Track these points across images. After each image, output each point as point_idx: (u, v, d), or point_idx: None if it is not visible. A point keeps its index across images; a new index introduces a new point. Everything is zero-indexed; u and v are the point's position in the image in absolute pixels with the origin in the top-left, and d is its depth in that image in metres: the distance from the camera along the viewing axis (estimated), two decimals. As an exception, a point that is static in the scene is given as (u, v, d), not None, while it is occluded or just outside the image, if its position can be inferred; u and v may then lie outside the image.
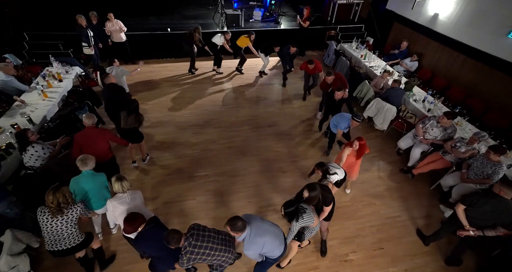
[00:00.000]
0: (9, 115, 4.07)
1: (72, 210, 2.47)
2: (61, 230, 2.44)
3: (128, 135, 3.86)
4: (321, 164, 3.14)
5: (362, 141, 3.38)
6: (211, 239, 2.31)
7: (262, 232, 2.33)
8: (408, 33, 7.03)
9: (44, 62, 5.63)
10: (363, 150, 3.45)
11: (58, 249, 2.51)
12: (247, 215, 2.48)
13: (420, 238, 3.59)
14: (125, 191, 2.65)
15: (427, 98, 5.04)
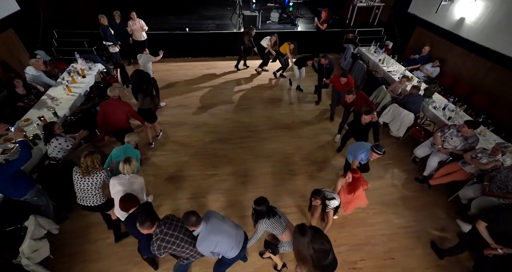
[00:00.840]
0: (37, 108, 4.32)
1: (97, 175, 2.82)
2: (87, 189, 2.84)
3: (144, 115, 4.27)
4: (316, 191, 2.86)
5: (357, 173, 2.97)
6: (183, 230, 2.35)
7: (217, 231, 2.33)
8: (430, 37, 6.79)
9: (70, 59, 5.93)
10: (357, 185, 3.00)
11: (85, 205, 2.95)
12: (210, 212, 2.48)
13: (435, 251, 3.45)
14: (125, 174, 2.83)
15: (448, 105, 4.85)
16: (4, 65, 5.40)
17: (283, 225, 2.56)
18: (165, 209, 3.77)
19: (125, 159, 2.84)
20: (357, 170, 3.04)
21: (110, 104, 3.81)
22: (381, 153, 3.22)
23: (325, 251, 2.20)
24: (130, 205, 2.51)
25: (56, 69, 5.47)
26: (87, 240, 3.38)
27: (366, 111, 3.78)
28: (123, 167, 2.81)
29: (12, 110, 4.35)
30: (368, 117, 3.77)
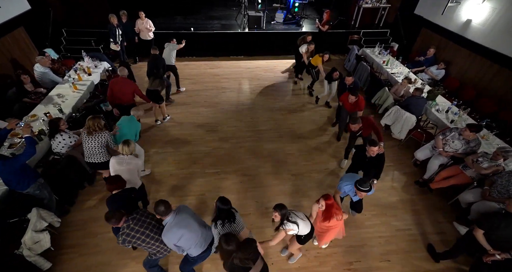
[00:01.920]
0: (44, 104, 4.45)
1: (100, 135, 3.32)
2: (93, 147, 3.33)
3: (151, 95, 4.77)
4: (280, 206, 2.49)
5: (330, 200, 2.66)
6: (150, 227, 2.40)
7: (183, 225, 2.34)
8: (436, 39, 6.71)
9: (78, 57, 6.08)
10: (331, 212, 2.67)
11: (92, 162, 3.41)
12: (183, 206, 2.54)
13: (430, 254, 3.42)
14: (124, 154, 3.04)
15: (451, 108, 4.79)
16: (14, 62, 5.57)
17: (238, 229, 2.49)
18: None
19: (124, 141, 3.06)
20: (330, 197, 2.69)
21: (119, 82, 4.33)
22: (364, 189, 2.73)
23: (245, 269, 2.12)
24: (114, 186, 2.67)
25: (64, 66, 5.61)
26: (88, 233, 3.46)
27: (371, 141, 3.16)
28: (122, 148, 3.03)
29: (20, 106, 4.49)
30: (375, 149, 3.16)
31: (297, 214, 2.61)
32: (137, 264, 3.19)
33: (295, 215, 2.59)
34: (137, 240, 2.34)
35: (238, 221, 2.54)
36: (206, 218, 3.70)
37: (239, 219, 2.58)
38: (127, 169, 3.02)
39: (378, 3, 8.11)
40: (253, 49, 8.11)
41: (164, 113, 5.33)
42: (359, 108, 4.36)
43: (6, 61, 5.38)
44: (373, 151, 3.17)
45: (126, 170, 3.02)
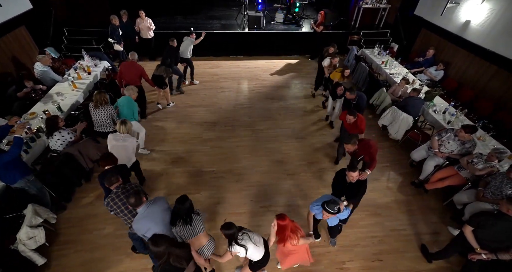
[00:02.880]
0: (43, 102, 4.51)
1: (105, 108, 3.80)
2: (100, 118, 3.83)
3: (155, 80, 5.20)
4: (226, 226, 2.30)
5: (283, 220, 2.36)
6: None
7: (152, 218, 2.38)
8: (435, 40, 6.69)
9: (78, 56, 6.14)
10: (284, 235, 2.40)
11: (101, 131, 3.91)
12: (159, 198, 2.58)
13: (424, 254, 3.42)
14: (121, 133, 3.36)
15: (449, 109, 4.78)
16: (15, 61, 5.64)
17: (190, 231, 2.42)
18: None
19: (121, 120, 3.39)
20: (284, 217, 2.40)
21: (128, 64, 4.84)
22: (331, 211, 2.47)
23: (178, 269, 2.06)
24: (107, 162, 2.90)
25: (64, 65, 5.67)
26: (84, 230, 3.51)
27: (350, 166, 2.83)
28: (119, 127, 3.35)
29: (20, 104, 4.55)
30: (354, 175, 2.80)
31: (251, 237, 2.37)
32: (132, 260, 3.23)
33: (249, 238, 2.35)
34: (117, 209, 2.54)
35: (195, 226, 2.42)
36: (200, 216, 3.74)
37: (199, 224, 2.45)
38: (122, 145, 3.36)
39: (378, 4, 8.11)
40: (252, 49, 8.14)
41: (168, 99, 5.77)
42: (359, 130, 3.88)
43: (7, 59, 5.46)
44: (352, 177, 2.81)
45: (122, 146, 3.36)
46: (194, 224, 2.43)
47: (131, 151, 3.48)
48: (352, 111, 3.80)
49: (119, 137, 3.37)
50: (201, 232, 2.48)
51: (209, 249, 2.55)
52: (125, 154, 3.37)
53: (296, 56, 8.49)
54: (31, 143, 3.66)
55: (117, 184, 2.60)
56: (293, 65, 8.00)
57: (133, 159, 3.58)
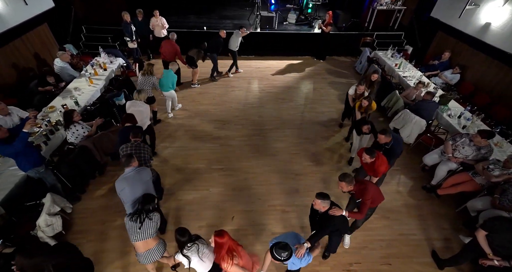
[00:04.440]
0: (62, 97, 4.69)
1: (150, 77, 4.62)
2: (144, 84, 4.63)
3: (187, 59, 6.07)
4: (180, 231, 2.25)
5: (221, 238, 2.21)
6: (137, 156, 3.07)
7: (129, 182, 2.68)
8: (452, 43, 6.53)
9: (95, 53, 6.34)
10: (220, 254, 2.24)
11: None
12: (144, 170, 2.86)
13: (435, 260, 3.35)
14: (136, 99, 4.08)
15: (464, 114, 4.66)
16: (37, 56, 5.89)
17: (138, 234, 2.36)
18: (169, 198, 3.96)
19: (138, 90, 4.15)
20: (223, 233, 2.24)
21: (167, 43, 5.77)
22: (277, 258, 2.22)
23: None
24: (128, 121, 3.58)
25: (82, 62, 5.87)
26: (96, 221, 3.62)
27: (318, 193, 2.55)
28: (136, 95, 4.08)
29: (40, 98, 4.75)
30: (317, 202, 2.53)
31: (200, 250, 2.28)
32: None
33: (196, 251, 2.27)
34: (122, 153, 3.11)
35: (144, 230, 2.36)
36: (208, 211, 3.80)
37: (148, 230, 2.38)
38: (138, 110, 3.97)
39: (393, 5, 7.98)
40: (264, 49, 8.17)
41: (194, 79, 6.50)
42: (374, 173, 3.28)
43: (30, 55, 5.70)
44: (316, 205, 2.54)
45: (138, 111, 3.95)
46: (143, 228, 2.37)
47: (145, 116, 4.09)
48: (370, 150, 3.11)
49: (136, 104, 4.05)
50: (149, 238, 2.42)
51: (158, 251, 2.50)
52: (140, 118, 3.92)
53: (307, 56, 8.47)
54: (50, 135, 3.81)
55: (138, 139, 3.24)
56: (304, 66, 7.97)
57: (147, 123, 4.16)
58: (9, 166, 3.29)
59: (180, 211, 3.81)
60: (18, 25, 5.36)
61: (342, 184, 2.75)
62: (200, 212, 3.81)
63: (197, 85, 6.58)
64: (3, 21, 5.05)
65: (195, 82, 6.56)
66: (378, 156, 3.17)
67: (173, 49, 5.77)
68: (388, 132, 3.45)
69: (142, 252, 2.45)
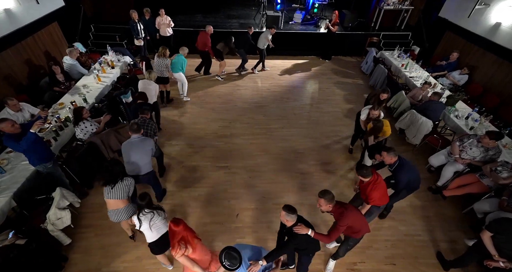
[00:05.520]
0: (71, 94, 4.78)
1: (164, 59, 5.16)
2: (159, 65, 5.19)
3: (215, 52, 6.56)
4: (143, 196, 2.46)
5: (176, 226, 2.26)
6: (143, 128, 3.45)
7: (130, 147, 3.13)
8: (460, 43, 6.46)
9: (103, 51, 6.43)
10: (173, 242, 2.27)
11: (159, 76, 5.17)
12: (149, 140, 3.24)
13: (440, 262, 3.33)
14: (146, 79, 4.62)
15: (472, 115, 4.61)
16: (47, 54, 6.00)
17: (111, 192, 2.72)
18: (174, 195, 4.01)
19: (148, 70, 4.66)
20: (180, 222, 2.28)
21: (202, 33, 6.30)
22: (223, 264, 2.08)
23: None
24: (140, 98, 4.18)
25: (90, 59, 5.96)
26: (104, 216, 3.62)
27: (286, 206, 2.35)
28: (147, 75, 4.62)
29: (50, 95, 4.84)
30: (283, 213, 2.33)
31: (153, 219, 2.43)
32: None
33: (149, 219, 2.42)
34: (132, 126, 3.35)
35: (115, 190, 2.68)
36: (213, 208, 3.83)
37: (120, 192, 2.70)
38: (148, 88, 4.50)
39: (400, 5, 7.91)
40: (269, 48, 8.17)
41: (220, 71, 6.93)
42: (365, 198, 2.90)
43: (41, 53, 5.81)
44: (282, 217, 2.35)
45: (147, 89, 4.46)
46: (115, 188, 2.72)
47: (153, 93, 4.64)
48: (366, 167, 2.80)
49: (146, 82, 4.60)
50: (118, 199, 2.74)
51: (126, 213, 2.83)
52: (149, 94, 4.40)
53: (313, 56, 8.45)
54: (59, 131, 3.89)
55: (146, 116, 3.71)
56: (309, 66, 7.97)
57: (154, 99, 4.66)
58: (22, 160, 3.37)
59: (185, 207, 3.85)
60: (30, 24, 5.47)
61: (320, 201, 2.46)
62: (205, 209, 3.84)
63: (221, 79, 6.92)
64: (16, 20, 5.16)
65: (220, 75, 6.94)
66: (376, 180, 2.78)
67: (205, 40, 6.23)
68: (392, 152, 2.99)
69: (111, 209, 2.83)
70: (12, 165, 3.37)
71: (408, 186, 3.09)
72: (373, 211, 3.13)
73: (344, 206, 2.53)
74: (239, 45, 6.65)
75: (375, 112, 3.82)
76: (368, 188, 2.81)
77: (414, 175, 3.08)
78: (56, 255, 3.00)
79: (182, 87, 5.97)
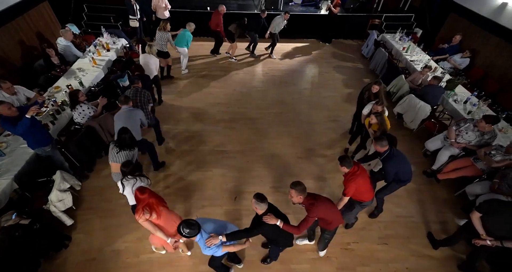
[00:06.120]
0: (66, 77, 4.70)
1: (164, 33, 5.29)
2: (160, 39, 5.34)
3: (227, 34, 6.57)
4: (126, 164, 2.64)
5: (142, 194, 2.39)
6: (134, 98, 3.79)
7: (121, 116, 3.36)
8: (464, 25, 6.29)
9: (98, 33, 6.24)
10: (138, 208, 2.39)
11: (159, 50, 5.30)
12: (137, 111, 3.48)
13: (430, 241, 3.47)
14: (147, 53, 4.68)
15: (470, 99, 4.59)
16: (40, 36, 5.82)
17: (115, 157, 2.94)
18: (173, 178, 4.08)
19: (149, 44, 4.71)
20: (145, 190, 2.41)
21: (214, 12, 6.27)
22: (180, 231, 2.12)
23: None
24: (136, 70, 4.37)
25: (85, 42, 5.80)
26: (104, 198, 3.76)
27: (256, 195, 2.33)
28: (148, 49, 4.66)
29: (45, 78, 4.76)
30: (252, 204, 2.33)
31: (134, 184, 2.59)
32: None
33: (132, 184, 2.60)
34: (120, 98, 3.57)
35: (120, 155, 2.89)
36: (211, 191, 3.91)
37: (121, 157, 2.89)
38: (147, 62, 4.67)
39: (405, -15, 7.61)
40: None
41: (233, 53, 6.92)
42: (344, 188, 2.78)
43: (32, 34, 5.64)
44: (253, 205, 2.34)
45: (147, 63, 4.67)
46: (120, 153, 2.95)
47: (154, 67, 4.77)
48: (345, 158, 2.69)
49: (146, 56, 4.70)
50: (117, 162, 2.93)
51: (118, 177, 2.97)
52: (149, 68, 4.66)
53: (312, 39, 8.25)
54: (57, 115, 3.87)
55: (138, 86, 3.95)
56: (309, 49, 7.79)
57: (154, 73, 4.82)
58: (20, 143, 3.38)
59: (183, 190, 3.93)
60: (18, 2, 5.25)
61: (292, 192, 2.40)
62: (204, 192, 3.92)
63: (234, 60, 6.94)
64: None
65: (233, 56, 6.95)
66: (355, 171, 2.69)
67: (217, 21, 6.27)
68: (383, 141, 2.92)
69: (114, 172, 3.05)
70: (11, 148, 3.39)
71: (398, 179, 3.10)
72: (354, 206, 3.06)
73: (315, 197, 2.47)
74: (250, 27, 6.60)
75: (378, 107, 3.65)
76: (345, 178, 2.78)
77: (403, 168, 3.04)
78: (59, 234, 3.10)
79: (183, 60, 6.14)
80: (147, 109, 3.92)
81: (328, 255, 3.31)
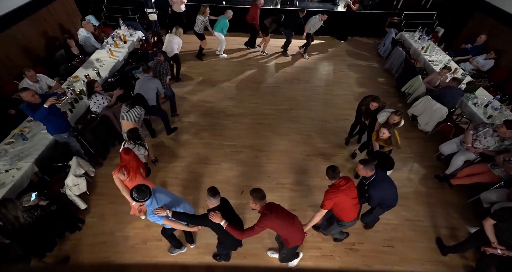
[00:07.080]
0: (85, 67, 4.87)
1: (202, 17, 5.96)
2: (198, 22, 5.98)
3: (261, 27, 6.68)
4: (131, 131, 3.18)
5: (126, 154, 2.79)
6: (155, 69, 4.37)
7: (140, 82, 4.03)
8: (490, 25, 5.98)
9: (115, 25, 6.40)
10: (120, 164, 2.73)
11: (196, 31, 6.08)
12: (154, 79, 4.06)
13: (439, 247, 3.39)
14: (173, 33, 5.21)
15: (492, 103, 4.39)
16: (61, 27, 6.04)
17: (126, 115, 3.54)
18: (181, 170, 4.17)
19: (176, 26, 5.22)
20: (130, 152, 2.79)
21: (253, 5, 6.45)
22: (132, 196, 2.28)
23: None
24: (156, 46, 5.41)
25: (103, 33, 5.96)
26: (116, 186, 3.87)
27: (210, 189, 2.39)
28: (174, 30, 5.19)
29: (66, 67, 4.95)
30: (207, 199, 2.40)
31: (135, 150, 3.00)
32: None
33: (133, 149, 2.96)
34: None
35: (130, 113, 3.46)
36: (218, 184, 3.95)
37: (132, 115, 3.46)
38: (171, 41, 5.19)
39: (428, -19, 7.30)
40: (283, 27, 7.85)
41: (264, 47, 7.04)
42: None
43: (55, 25, 5.86)
44: (207, 201, 2.42)
45: (171, 41, 5.19)
46: (130, 112, 3.49)
47: (176, 47, 5.28)
48: (332, 169, 2.55)
49: (171, 36, 5.19)
50: (130, 120, 3.48)
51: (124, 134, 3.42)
52: (171, 46, 5.21)
53: (328, 36, 8.09)
54: (75, 104, 4.04)
55: (160, 58, 4.47)
56: (324, 46, 7.66)
57: (174, 51, 5.32)
58: (41, 129, 3.56)
59: (191, 182, 4.01)
60: (43, -6, 5.47)
61: (251, 198, 2.34)
62: (211, 184, 3.87)
63: (265, 54, 7.06)
64: (29, -10, 5.16)
65: (264, 50, 7.06)
66: (338, 186, 2.51)
67: (253, 13, 6.47)
68: (369, 164, 2.68)
69: (124, 129, 3.47)
70: (33, 133, 3.58)
71: (382, 204, 2.96)
72: (332, 222, 2.95)
73: (271, 210, 2.31)
74: (286, 25, 6.59)
75: (395, 117, 3.44)
76: (327, 190, 2.61)
77: (388, 194, 2.84)
78: (74, 217, 3.26)
79: (220, 45, 6.57)
80: (164, 80, 4.45)
81: (331, 254, 3.31)
